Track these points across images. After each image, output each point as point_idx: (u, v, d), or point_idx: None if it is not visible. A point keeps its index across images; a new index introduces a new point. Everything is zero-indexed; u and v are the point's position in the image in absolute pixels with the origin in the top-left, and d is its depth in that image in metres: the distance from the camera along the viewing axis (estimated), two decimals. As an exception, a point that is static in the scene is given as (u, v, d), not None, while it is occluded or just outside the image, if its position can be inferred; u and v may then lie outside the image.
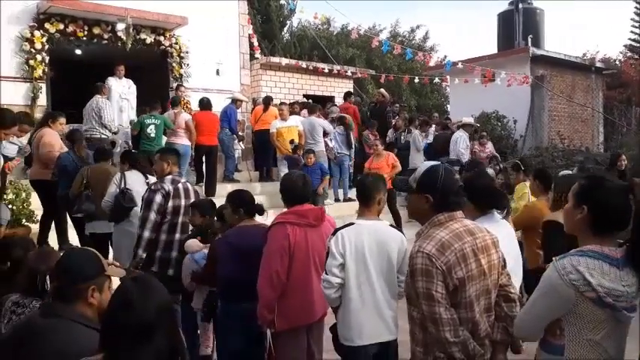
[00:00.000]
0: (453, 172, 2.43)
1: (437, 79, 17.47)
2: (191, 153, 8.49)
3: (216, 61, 10.89)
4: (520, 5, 16.06)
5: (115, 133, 8.02)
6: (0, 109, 4.77)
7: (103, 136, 7.63)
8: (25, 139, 5.85)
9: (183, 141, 8.17)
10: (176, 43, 10.32)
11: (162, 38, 10.11)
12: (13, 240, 3.54)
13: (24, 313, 2.54)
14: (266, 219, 3.83)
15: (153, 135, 7.87)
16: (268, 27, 19.88)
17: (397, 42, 19.17)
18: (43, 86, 8.93)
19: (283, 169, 8.79)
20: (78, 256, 2.16)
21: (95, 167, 5.66)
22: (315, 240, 3.19)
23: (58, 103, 9.10)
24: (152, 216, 4.14)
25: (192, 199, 4.42)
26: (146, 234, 4.14)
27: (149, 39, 9.92)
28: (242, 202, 3.63)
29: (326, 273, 2.88)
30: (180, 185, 4.36)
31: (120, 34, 9.16)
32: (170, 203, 4.23)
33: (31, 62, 8.75)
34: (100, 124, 7.67)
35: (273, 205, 7.25)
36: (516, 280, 2.75)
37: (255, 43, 13.12)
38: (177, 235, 4.31)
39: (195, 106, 9.29)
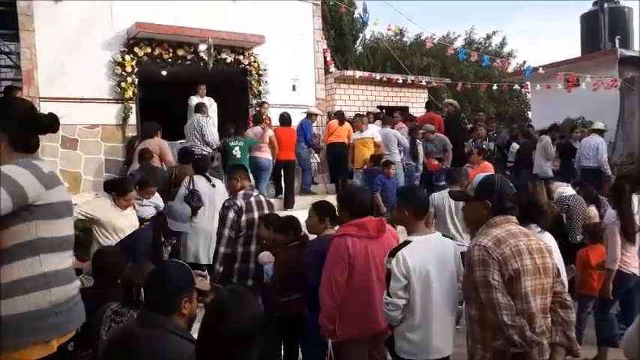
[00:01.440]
0: (507, 180, 2.61)
1: (516, 86, 16.87)
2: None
3: (292, 77, 11.14)
4: (605, 5, 15.26)
5: (215, 150, 8.37)
6: (120, 180, 5.24)
7: (204, 152, 7.99)
8: (157, 199, 5.92)
9: (266, 155, 8.46)
10: (254, 62, 10.65)
11: (241, 57, 10.48)
12: (105, 251, 3.80)
13: (122, 321, 2.73)
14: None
15: (238, 156, 8.16)
16: (341, 41, 20.10)
17: (473, 49, 18.76)
18: (133, 106, 9.51)
19: (357, 182, 8.84)
20: (172, 270, 2.28)
21: (181, 166, 6.34)
22: (377, 251, 3.24)
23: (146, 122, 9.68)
24: (226, 232, 4.34)
25: (266, 211, 4.57)
26: (221, 249, 4.34)
27: (229, 58, 10.32)
28: (328, 212, 3.75)
29: (389, 295, 2.89)
30: (252, 199, 4.52)
31: (202, 54, 9.61)
32: (244, 217, 4.41)
33: (123, 84, 9.34)
34: (201, 141, 8.08)
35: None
36: None
37: (329, 58, 13.30)
38: (254, 247, 4.50)
39: (275, 121, 9.59)
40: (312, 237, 3.97)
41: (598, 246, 4.94)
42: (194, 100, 9.31)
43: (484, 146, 9.94)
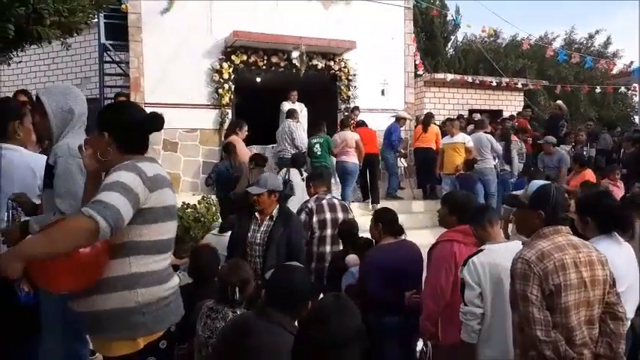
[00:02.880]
0: (562, 190, 2.61)
1: (622, 88, 15.77)
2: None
3: (381, 82, 11.16)
4: None
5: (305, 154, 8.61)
6: None
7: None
8: None
9: (353, 159, 8.58)
10: (345, 67, 10.78)
11: (332, 63, 10.66)
12: (201, 250, 3.93)
13: (217, 318, 2.85)
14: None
15: (319, 153, 8.34)
16: (432, 44, 19.79)
17: (574, 50, 17.77)
18: (229, 112, 9.98)
19: (446, 188, 8.69)
20: (305, 276, 2.41)
21: (258, 170, 6.64)
22: None
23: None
24: None
25: (340, 214, 4.82)
26: None
27: (320, 64, 10.53)
28: (384, 220, 3.81)
29: (465, 304, 2.90)
30: (324, 202, 4.83)
31: (294, 61, 9.89)
32: (315, 219, 4.70)
33: (220, 91, 9.84)
34: (292, 145, 8.35)
35: (435, 224, 7.19)
36: (631, 302, 2.80)
37: (418, 61, 13.16)
38: (328, 248, 4.74)
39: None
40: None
41: None
42: (286, 106, 9.58)
43: (584, 152, 9.43)
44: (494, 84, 13.05)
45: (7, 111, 3.06)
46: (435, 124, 10.00)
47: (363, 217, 6.87)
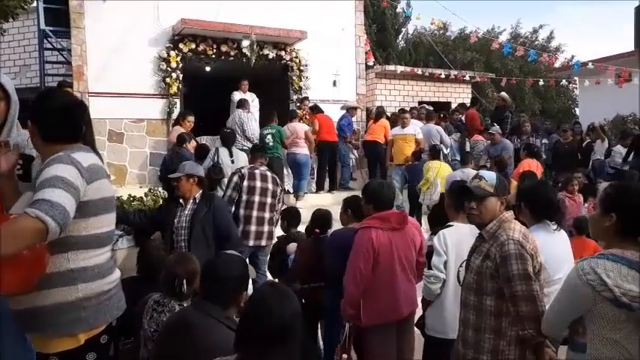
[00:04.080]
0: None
1: (564, 81, 16.37)
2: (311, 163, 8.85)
3: (333, 73, 11.15)
4: (661, -4, 14.62)
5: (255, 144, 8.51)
6: None
7: (245, 147, 8.07)
8: None
9: (304, 150, 8.55)
10: (296, 57, 10.71)
11: (283, 53, 10.56)
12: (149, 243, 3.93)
13: (164, 311, 2.79)
14: None
15: (271, 144, 8.27)
16: (383, 36, 19.92)
17: (519, 43, 18.29)
18: (177, 101, 9.74)
19: (396, 179, 8.79)
20: (231, 264, 2.34)
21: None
22: (400, 242, 3.46)
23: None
24: (228, 192, 5.22)
25: (270, 184, 5.32)
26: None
27: (271, 54, 10.42)
28: (352, 206, 4.00)
29: (430, 269, 3.22)
30: (257, 171, 5.34)
31: (245, 50, 9.73)
32: (245, 183, 5.20)
33: (168, 80, 9.57)
34: (243, 136, 8.21)
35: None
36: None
37: (367, 49, 13.22)
38: (255, 212, 5.23)
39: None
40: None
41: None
42: (237, 96, 9.45)
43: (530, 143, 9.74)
44: (443, 76, 13.26)
45: None
46: (386, 117, 10.06)
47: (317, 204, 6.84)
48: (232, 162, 6.62)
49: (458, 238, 3.21)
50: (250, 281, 2.67)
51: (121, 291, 2.27)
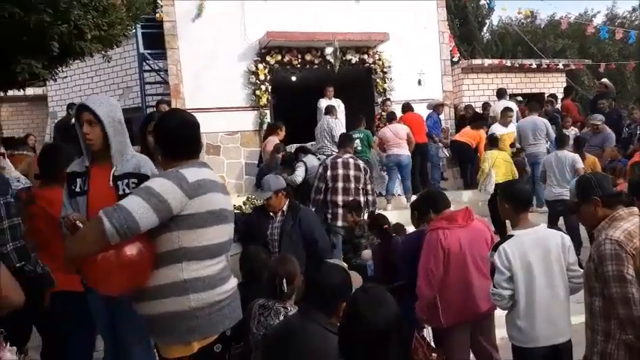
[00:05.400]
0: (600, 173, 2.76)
1: (672, 62, 15.11)
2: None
3: (417, 72, 11.03)
4: None
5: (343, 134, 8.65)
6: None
7: (333, 152, 8.23)
8: None
9: (406, 151, 8.60)
10: (379, 59, 10.71)
11: (365, 56, 10.60)
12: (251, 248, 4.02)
13: (269, 315, 2.89)
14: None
15: (359, 148, 8.32)
16: (466, 29, 19.43)
17: (617, 25, 17.12)
18: (267, 112, 10.09)
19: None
20: (337, 273, 2.42)
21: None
22: (469, 239, 3.46)
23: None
24: (315, 182, 5.75)
25: (352, 171, 5.71)
26: (312, 195, 5.77)
27: (354, 59, 10.49)
28: (417, 207, 4.08)
29: (494, 287, 3.09)
30: (339, 160, 5.78)
31: (328, 57, 9.89)
32: (329, 173, 5.69)
33: (257, 92, 9.95)
34: (332, 142, 8.34)
35: (483, 213, 7.11)
36: None
37: (452, 46, 12.93)
38: (340, 197, 5.69)
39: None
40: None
41: None
42: (323, 103, 9.59)
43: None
44: (534, 66, 12.71)
45: None
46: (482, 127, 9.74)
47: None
48: (318, 159, 6.98)
49: (521, 250, 3.04)
50: None
51: (236, 301, 2.34)
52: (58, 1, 4.05)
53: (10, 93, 7.10)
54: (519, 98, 10.93)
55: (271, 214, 4.49)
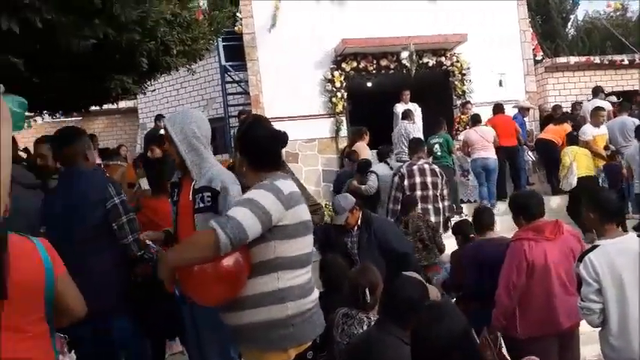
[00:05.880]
0: None
1: None
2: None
3: (498, 72, 10.69)
4: None
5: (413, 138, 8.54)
6: None
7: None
8: None
9: (493, 155, 8.34)
10: (457, 61, 10.50)
11: (443, 59, 10.43)
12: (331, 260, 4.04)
13: (353, 324, 2.90)
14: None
15: (439, 153, 8.17)
16: (549, 26, 18.53)
17: None
18: (344, 119, 10.17)
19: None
20: (413, 286, 2.41)
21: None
22: (556, 253, 3.34)
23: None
24: (392, 192, 5.66)
25: (429, 177, 5.64)
26: (390, 206, 5.67)
27: (431, 61, 10.35)
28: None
29: (582, 300, 2.94)
30: (415, 167, 5.68)
31: (404, 61, 9.81)
32: (406, 182, 5.60)
33: (334, 99, 10.06)
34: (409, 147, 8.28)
35: (566, 219, 6.75)
36: None
37: (535, 43, 12.39)
38: (418, 206, 5.55)
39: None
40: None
41: None
42: (399, 108, 9.53)
43: None
44: (625, 62, 11.93)
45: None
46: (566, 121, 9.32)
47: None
48: (392, 168, 6.83)
49: (608, 260, 2.87)
50: None
51: (319, 309, 2.39)
52: (146, 19, 4.29)
53: (105, 106, 7.61)
54: (613, 98, 10.26)
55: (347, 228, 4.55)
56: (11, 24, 2.91)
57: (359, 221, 4.44)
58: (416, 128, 8.56)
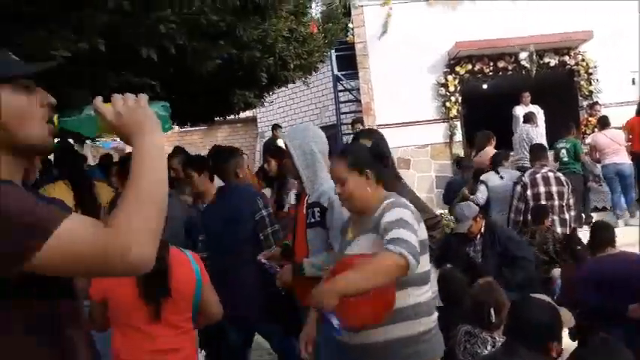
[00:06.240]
0: None
1: None
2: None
3: (630, 70, 9.81)
4: None
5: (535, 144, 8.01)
6: None
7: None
8: None
9: (627, 159, 7.70)
10: (582, 60, 9.82)
11: (566, 58, 9.81)
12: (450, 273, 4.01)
13: (476, 343, 2.83)
14: None
15: (565, 159, 7.67)
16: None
17: None
18: (458, 123, 9.92)
19: None
20: (542, 310, 2.30)
21: None
22: None
23: (472, 137, 9.97)
24: (514, 202, 5.39)
25: (554, 186, 5.32)
26: (512, 216, 5.42)
27: (553, 61, 9.77)
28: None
29: None
30: (538, 175, 5.37)
31: (523, 62, 9.37)
32: (529, 192, 5.30)
33: (447, 104, 9.85)
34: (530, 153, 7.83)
35: None
36: None
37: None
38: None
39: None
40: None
41: None
42: (519, 110, 9.10)
43: None
44: None
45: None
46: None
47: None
48: (501, 178, 6.22)
49: None
50: None
51: (439, 329, 2.36)
52: (266, 37, 4.55)
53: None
54: None
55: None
56: (150, 52, 3.24)
57: (482, 229, 4.37)
58: (539, 133, 8.11)
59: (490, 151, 7.43)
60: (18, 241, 0.97)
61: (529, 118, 8.18)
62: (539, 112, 9.23)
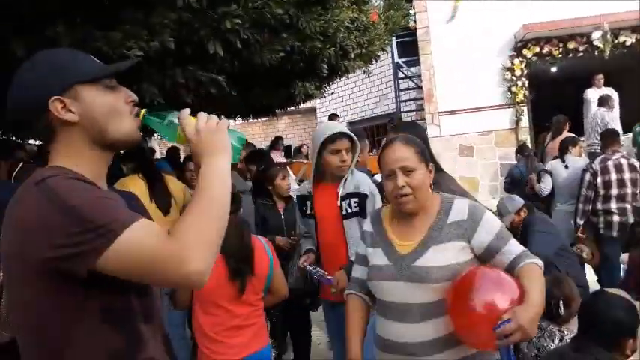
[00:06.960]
0: None
1: None
2: None
3: None
4: None
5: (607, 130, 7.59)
6: None
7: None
8: None
9: None
10: (662, 38, 9.21)
11: (644, 36, 9.23)
12: None
13: (543, 335, 2.76)
14: None
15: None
16: None
17: None
18: (525, 109, 9.56)
19: None
20: (615, 307, 2.18)
21: None
22: None
23: (539, 123, 9.60)
24: (583, 191, 5.10)
25: (627, 173, 5.01)
26: (580, 206, 5.13)
27: (629, 40, 9.21)
28: None
29: None
30: (609, 162, 5.06)
31: (596, 42, 8.89)
32: (599, 180, 5.03)
33: (513, 89, 9.51)
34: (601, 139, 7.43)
35: None
36: None
37: None
38: (613, 205, 5.04)
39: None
40: None
41: None
42: (590, 93, 8.67)
43: None
44: None
45: None
46: None
47: None
48: (566, 167, 5.93)
49: None
50: None
51: None
52: (328, 28, 4.53)
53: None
54: None
55: None
56: (216, 48, 3.31)
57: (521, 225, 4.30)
58: (614, 117, 7.70)
59: (565, 136, 7.08)
60: (82, 242, 1.01)
61: (604, 100, 7.76)
62: (612, 93, 8.77)
